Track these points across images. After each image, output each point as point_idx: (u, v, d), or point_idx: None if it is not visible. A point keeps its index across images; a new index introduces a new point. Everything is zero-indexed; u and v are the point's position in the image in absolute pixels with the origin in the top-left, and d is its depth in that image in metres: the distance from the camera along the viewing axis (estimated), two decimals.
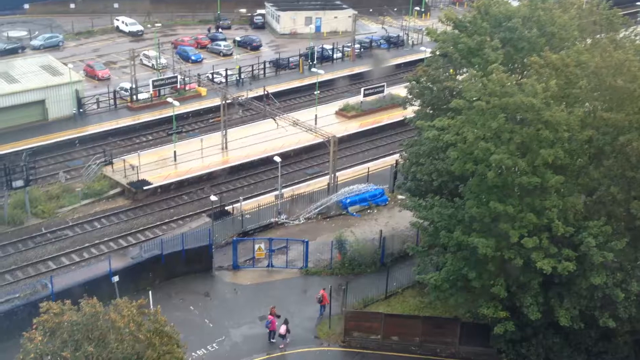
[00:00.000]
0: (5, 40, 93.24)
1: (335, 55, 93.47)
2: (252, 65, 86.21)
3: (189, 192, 61.10)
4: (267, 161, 63.53)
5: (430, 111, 46.76)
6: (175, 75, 79.10)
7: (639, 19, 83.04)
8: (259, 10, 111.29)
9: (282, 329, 40.97)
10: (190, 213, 57.37)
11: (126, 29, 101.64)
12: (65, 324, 27.97)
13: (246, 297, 45.35)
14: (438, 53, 47.65)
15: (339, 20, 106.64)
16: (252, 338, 41.83)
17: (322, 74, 78.19)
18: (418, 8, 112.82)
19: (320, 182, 59.86)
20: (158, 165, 63.69)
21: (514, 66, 45.01)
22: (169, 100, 68.29)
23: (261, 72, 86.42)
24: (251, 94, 70.82)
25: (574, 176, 36.32)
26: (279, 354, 40.78)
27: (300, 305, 44.51)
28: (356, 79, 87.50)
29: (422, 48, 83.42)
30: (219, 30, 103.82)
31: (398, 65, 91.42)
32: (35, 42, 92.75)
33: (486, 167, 34.89)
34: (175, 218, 56.86)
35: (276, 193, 56.39)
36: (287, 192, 57.19)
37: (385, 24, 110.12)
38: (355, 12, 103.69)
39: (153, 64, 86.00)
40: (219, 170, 63.98)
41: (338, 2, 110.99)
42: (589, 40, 44.46)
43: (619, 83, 35.35)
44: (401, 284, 46.30)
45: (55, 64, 75.35)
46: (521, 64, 44.60)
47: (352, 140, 71.31)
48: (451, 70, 46.98)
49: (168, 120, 70.82)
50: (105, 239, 53.55)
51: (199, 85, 79.91)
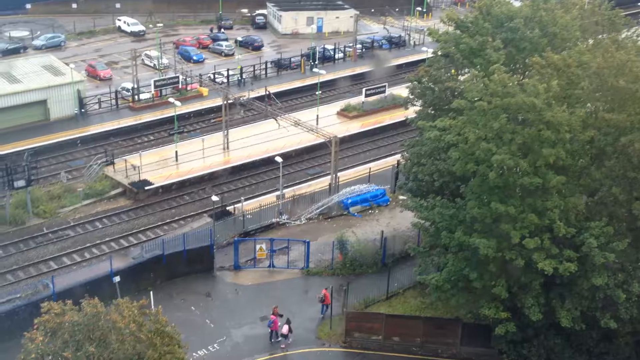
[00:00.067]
0: (7, 40, 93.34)
1: (336, 56, 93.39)
2: (254, 66, 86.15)
3: (191, 192, 61.11)
4: (269, 161, 63.51)
5: (432, 111, 46.78)
6: (177, 75, 79.06)
7: None
8: (261, 10, 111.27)
9: (285, 329, 41.00)
10: (192, 213, 57.40)
11: (128, 29, 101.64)
12: (67, 324, 27.96)
13: (247, 298, 45.35)
14: (440, 53, 47.63)
15: (340, 20, 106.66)
16: (253, 338, 41.83)
17: (324, 74, 78.12)
18: (420, 8, 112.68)
19: (322, 183, 59.87)
20: (159, 165, 63.69)
21: (515, 66, 45.02)
22: (171, 100, 68.27)
23: (263, 72, 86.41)
24: (253, 94, 70.80)
25: (575, 177, 36.30)
26: (281, 354, 40.77)
27: (301, 306, 44.51)
28: (358, 79, 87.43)
29: (424, 48, 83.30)
30: (221, 30, 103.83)
31: (399, 66, 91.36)
32: (37, 42, 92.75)
33: (487, 168, 34.88)
34: (176, 218, 56.87)
35: (277, 193, 56.39)
36: (289, 193, 57.18)
37: (387, 24, 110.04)
38: (357, 13, 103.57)
39: (155, 64, 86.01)
40: (220, 171, 63.95)
41: (340, 2, 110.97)
42: (590, 41, 44.38)
43: (620, 84, 35.33)
44: (402, 284, 46.28)
45: (57, 64, 75.39)
46: (523, 64, 44.60)
47: (354, 140, 71.31)
48: (453, 71, 46.98)
49: (169, 121, 70.82)
50: (107, 239, 53.58)
51: (200, 86, 79.86)
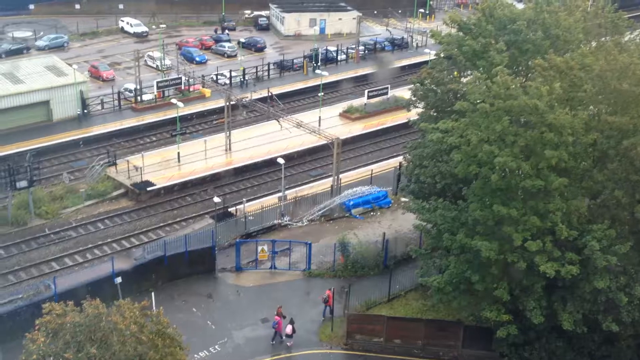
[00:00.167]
0: (10, 41, 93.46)
1: (339, 57, 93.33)
2: (257, 67, 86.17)
3: (193, 194, 61.11)
4: (271, 163, 63.49)
5: (434, 113, 46.73)
6: (180, 76, 79.08)
7: None
8: (263, 12, 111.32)
9: (289, 329, 41.19)
10: (194, 214, 57.43)
11: (131, 30, 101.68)
12: (68, 325, 27.94)
13: (249, 299, 45.35)
14: (442, 55, 47.60)
15: (343, 22, 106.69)
16: (255, 340, 41.84)
17: (326, 76, 78.14)
18: (422, 10, 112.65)
19: (324, 184, 59.85)
20: (162, 166, 63.72)
21: (518, 69, 44.97)
22: (173, 101, 68.34)
23: (265, 74, 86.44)
24: (255, 96, 70.87)
25: (578, 179, 36.23)
26: (285, 355, 40.76)
27: (302, 308, 44.51)
28: (360, 81, 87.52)
29: (427, 50, 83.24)
30: (225, 31, 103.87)
31: (402, 68, 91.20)
32: (40, 43, 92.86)
33: (490, 170, 34.85)
34: (178, 219, 56.87)
35: (279, 195, 56.36)
36: (291, 194, 57.16)
37: (389, 26, 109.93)
38: (360, 14, 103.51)
39: (157, 65, 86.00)
40: (222, 172, 63.94)
41: (342, 4, 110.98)
42: (593, 43, 44.36)
43: (623, 86, 35.26)
44: (404, 286, 46.24)
45: (60, 65, 75.41)
46: (526, 66, 44.53)
47: (356, 142, 71.28)
48: (455, 73, 46.95)
49: (172, 122, 70.84)
50: (109, 240, 53.59)
51: (203, 87, 79.84)
